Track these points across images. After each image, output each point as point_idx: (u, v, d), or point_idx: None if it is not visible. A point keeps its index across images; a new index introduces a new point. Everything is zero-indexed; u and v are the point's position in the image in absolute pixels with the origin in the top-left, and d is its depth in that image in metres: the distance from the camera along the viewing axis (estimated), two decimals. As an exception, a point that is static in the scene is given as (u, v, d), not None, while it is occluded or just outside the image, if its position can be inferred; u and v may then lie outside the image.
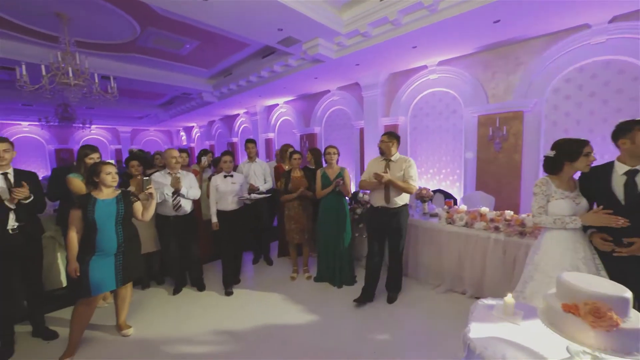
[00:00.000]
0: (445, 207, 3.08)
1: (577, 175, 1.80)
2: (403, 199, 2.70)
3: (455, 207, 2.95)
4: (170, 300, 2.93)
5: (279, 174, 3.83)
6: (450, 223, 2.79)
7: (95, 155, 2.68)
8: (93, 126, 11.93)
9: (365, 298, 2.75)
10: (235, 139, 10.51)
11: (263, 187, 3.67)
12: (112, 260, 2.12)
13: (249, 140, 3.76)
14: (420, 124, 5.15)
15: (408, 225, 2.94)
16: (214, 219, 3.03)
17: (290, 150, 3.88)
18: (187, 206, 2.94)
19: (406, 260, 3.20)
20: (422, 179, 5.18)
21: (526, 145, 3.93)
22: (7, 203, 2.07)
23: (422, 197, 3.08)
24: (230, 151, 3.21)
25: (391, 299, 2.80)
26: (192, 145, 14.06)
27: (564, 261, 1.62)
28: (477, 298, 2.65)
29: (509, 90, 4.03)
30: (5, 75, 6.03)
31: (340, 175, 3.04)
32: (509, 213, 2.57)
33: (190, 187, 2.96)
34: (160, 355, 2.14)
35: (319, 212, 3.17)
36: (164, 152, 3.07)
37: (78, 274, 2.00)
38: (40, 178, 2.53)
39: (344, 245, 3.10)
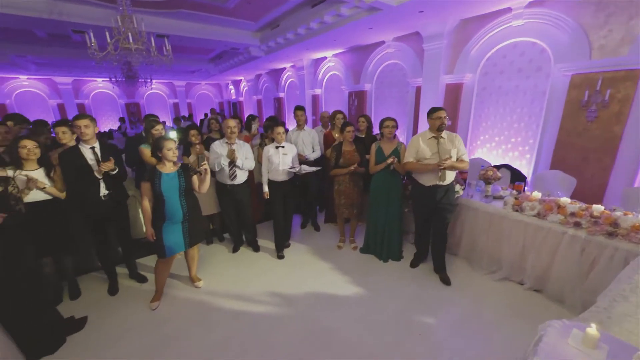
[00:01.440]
0: (514, 191, 2.73)
1: None
2: (452, 175, 2.60)
3: (526, 192, 2.60)
4: (231, 258, 3.30)
5: (328, 142, 3.73)
6: (517, 211, 2.50)
7: (159, 127, 2.86)
8: (153, 81, 12.73)
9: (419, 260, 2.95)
10: (281, 94, 10.37)
11: (311, 156, 3.65)
12: (180, 227, 2.39)
13: (298, 108, 3.64)
14: (492, 83, 4.40)
15: (464, 207, 2.74)
16: (265, 189, 3.16)
17: (340, 116, 3.69)
18: (242, 176, 3.09)
19: (458, 241, 3.07)
20: (484, 148, 4.64)
21: (634, 116, 3.15)
22: (96, 174, 2.38)
23: (487, 178, 2.76)
24: (282, 121, 3.15)
25: (445, 280, 2.75)
26: (241, 99, 14.32)
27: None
28: (537, 291, 2.50)
29: (625, 41, 3.11)
30: (78, 37, 6.52)
31: (397, 152, 2.84)
32: (597, 208, 2.18)
33: (246, 158, 3.06)
34: (225, 309, 2.49)
35: (370, 186, 3.09)
36: (222, 122, 3.13)
37: (154, 238, 2.31)
38: (115, 130, 2.84)
39: (394, 221, 3.04)
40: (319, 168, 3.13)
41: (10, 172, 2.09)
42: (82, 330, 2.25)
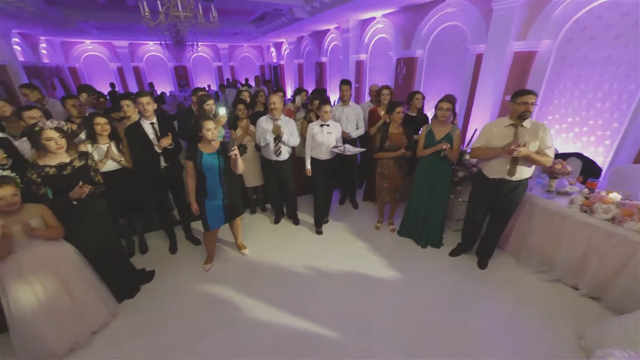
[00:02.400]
0: (585, 189, 2.41)
1: None
2: (528, 172, 2.26)
3: (601, 192, 2.27)
4: (272, 229, 3.51)
5: (373, 119, 3.56)
6: (585, 212, 2.23)
7: (210, 102, 2.95)
8: (199, 44, 12.94)
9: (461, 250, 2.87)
10: (324, 59, 9.92)
11: (354, 134, 3.54)
12: (221, 204, 2.53)
13: (343, 82, 3.46)
14: (575, 52, 3.70)
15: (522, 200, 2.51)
16: (308, 166, 3.18)
17: (386, 92, 3.45)
18: (286, 152, 3.13)
19: (507, 235, 2.88)
20: (551, 131, 4.07)
21: None
22: (156, 148, 2.59)
23: (554, 172, 2.45)
24: (328, 98, 3.04)
25: (483, 264, 2.70)
26: (282, 62, 14.02)
27: None
28: (593, 299, 2.31)
29: None
30: (131, 1, 6.74)
31: (450, 137, 2.62)
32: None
33: (291, 134, 3.07)
34: (268, 277, 2.71)
35: (415, 170, 2.95)
36: (269, 96, 3.11)
37: (199, 212, 2.50)
38: (167, 94, 3.03)
39: (437, 207, 2.92)
40: (363, 150, 3.04)
41: (88, 147, 2.36)
42: (151, 281, 2.65)
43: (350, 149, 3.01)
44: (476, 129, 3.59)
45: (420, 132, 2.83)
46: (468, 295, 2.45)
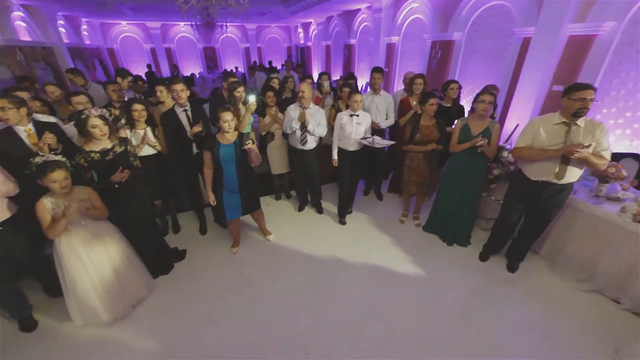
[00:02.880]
0: (641, 197, 2.18)
1: None
2: (576, 174, 2.08)
3: (661, 201, 2.05)
4: (296, 217, 3.57)
5: (404, 109, 3.42)
6: (639, 222, 2.03)
7: (241, 89, 2.96)
8: (228, 25, 12.93)
9: (490, 251, 2.75)
10: (353, 41, 9.55)
11: (384, 124, 3.42)
12: (238, 196, 2.56)
13: (376, 70, 3.31)
14: (646, 36, 3.24)
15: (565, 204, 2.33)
16: (335, 156, 3.15)
17: (419, 81, 3.27)
18: (313, 142, 3.11)
19: (543, 238, 2.71)
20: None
21: None
22: (188, 135, 2.67)
23: (606, 175, 2.23)
24: (357, 91, 2.93)
25: (512, 267, 2.60)
26: (309, 44, 13.71)
27: None
28: (636, 314, 2.15)
29: None
30: (164, -17, 6.80)
31: (488, 132, 2.45)
32: None
33: (318, 124, 3.03)
34: (291, 264, 2.79)
35: (446, 164, 2.83)
36: (300, 84, 3.06)
37: (215, 203, 2.55)
38: (197, 76, 3.09)
39: (468, 205, 2.80)
40: (393, 143, 2.93)
41: (127, 132, 2.49)
42: (183, 260, 2.82)
43: (379, 141, 2.92)
44: (517, 124, 3.34)
45: (454, 125, 2.67)
46: (494, 297, 2.38)
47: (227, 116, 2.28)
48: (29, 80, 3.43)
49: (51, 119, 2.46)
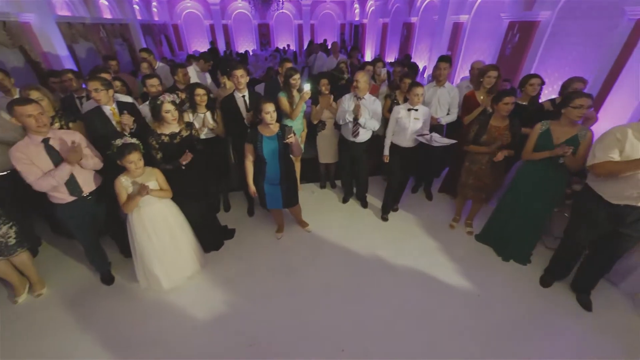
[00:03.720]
0: None
1: None
2: None
3: None
4: (340, 208, 3.53)
5: (469, 105, 3.08)
6: None
7: (297, 76, 2.92)
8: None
9: (554, 277, 2.43)
10: (414, 19, 8.79)
11: (444, 120, 3.14)
12: (278, 188, 2.57)
13: (443, 59, 2.99)
14: None
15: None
16: (386, 152, 3.00)
17: (493, 74, 2.87)
18: (365, 135, 2.98)
19: (626, 270, 2.32)
20: None
21: None
22: (245, 121, 2.74)
23: None
24: (419, 83, 2.68)
25: (585, 303, 2.26)
26: (365, 21, 12.99)
27: None
28: None
29: None
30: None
31: (576, 141, 2.08)
32: None
33: (371, 117, 2.88)
34: (331, 256, 2.81)
35: (516, 171, 2.52)
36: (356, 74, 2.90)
37: (256, 195, 2.59)
38: (250, 53, 3.11)
39: (536, 219, 2.49)
40: (454, 142, 2.69)
41: (190, 116, 2.63)
42: (232, 239, 3.01)
43: (438, 139, 2.68)
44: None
45: (534, 128, 2.31)
46: (554, 328, 2.13)
47: (269, 107, 2.21)
48: (110, 59, 3.78)
49: (128, 99, 2.69)
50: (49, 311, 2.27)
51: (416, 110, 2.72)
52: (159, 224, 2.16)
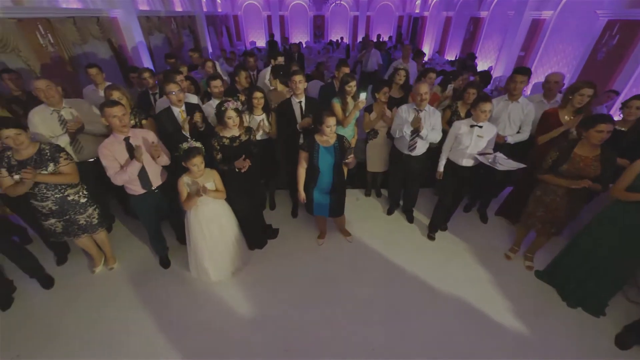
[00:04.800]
0: None
1: None
2: None
3: None
4: (384, 220, 3.41)
5: (548, 124, 2.69)
6: None
7: (353, 84, 2.83)
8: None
9: (637, 338, 2.08)
10: (483, 13, 8.00)
11: (512, 139, 2.80)
12: (328, 197, 2.56)
13: (520, 71, 2.65)
14: None
15: None
16: (440, 169, 2.79)
17: (587, 92, 2.44)
18: (422, 147, 2.81)
19: None
20: None
21: None
22: (298, 127, 2.76)
23: None
24: (488, 98, 2.41)
25: None
26: (425, 14, 12.18)
27: None
28: None
29: None
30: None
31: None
32: None
33: (433, 128, 2.70)
34: (372, 270, 2.74)
35: (601, 215, 2.16)
36: (414, 85, 2.74)
37: (305, 201, 2.58)
38: (303, 45, 3.10)
39: (620, 267, 2.13)
40: (523, 166, 2.39)
41: (246, 118, 2.71)
42: (276, 239, 3.11)
43: (502, 162, 2.40)
44: None
45: (634, 163, 1.94)
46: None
47: (331, 122, 2.23)
48: (174, 57, 4.07)
49: (194, 100, 2.88)
50: (117, 285, 2.59)
51: (480, 127, 2.46)
52: (212, 223, 2.31)
